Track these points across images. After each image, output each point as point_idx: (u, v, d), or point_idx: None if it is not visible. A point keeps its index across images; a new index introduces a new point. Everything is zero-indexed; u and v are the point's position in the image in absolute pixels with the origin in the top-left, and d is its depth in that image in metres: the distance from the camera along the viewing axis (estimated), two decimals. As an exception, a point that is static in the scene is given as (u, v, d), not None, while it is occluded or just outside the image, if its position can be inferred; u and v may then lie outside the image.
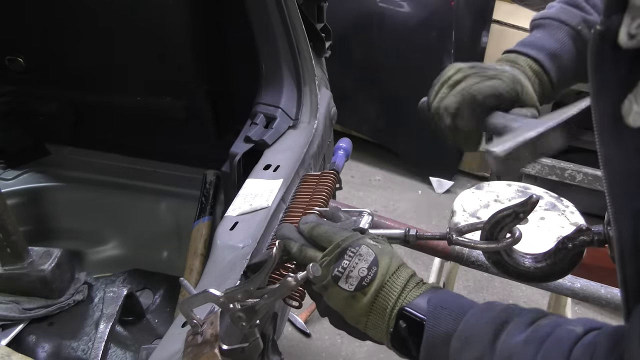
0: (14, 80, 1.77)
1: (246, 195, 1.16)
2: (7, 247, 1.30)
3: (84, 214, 1.86)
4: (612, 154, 0.51)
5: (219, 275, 0.97)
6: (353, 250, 0.70)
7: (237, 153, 1.33)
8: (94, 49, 1.64)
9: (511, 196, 1.79)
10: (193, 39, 1.60)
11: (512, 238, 0.76)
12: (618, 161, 0.51)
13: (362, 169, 3.34)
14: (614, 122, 0.48)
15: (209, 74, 1.69)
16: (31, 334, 1.33)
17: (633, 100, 0.43)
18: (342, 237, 0.72)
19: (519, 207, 0.74)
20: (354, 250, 0.70)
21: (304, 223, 0.77)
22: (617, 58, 0.46)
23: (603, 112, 0.50)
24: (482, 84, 0.83)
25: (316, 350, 2.23)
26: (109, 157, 1.91)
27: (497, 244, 0.76)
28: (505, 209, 0.75)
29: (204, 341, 0.77)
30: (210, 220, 1.65)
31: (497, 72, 0.84)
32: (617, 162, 0.51)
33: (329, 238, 0.73)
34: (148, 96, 1.73)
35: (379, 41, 3.11)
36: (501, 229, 0.76)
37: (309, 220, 0.77)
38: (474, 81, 0.83)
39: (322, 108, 1.47)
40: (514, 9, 2.96)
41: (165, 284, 1.73)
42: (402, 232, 0.83)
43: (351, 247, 0.70)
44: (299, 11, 1.42)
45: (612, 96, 0.47)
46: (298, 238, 0.76)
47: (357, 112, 3.27)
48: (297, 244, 0.75)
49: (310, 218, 0.78)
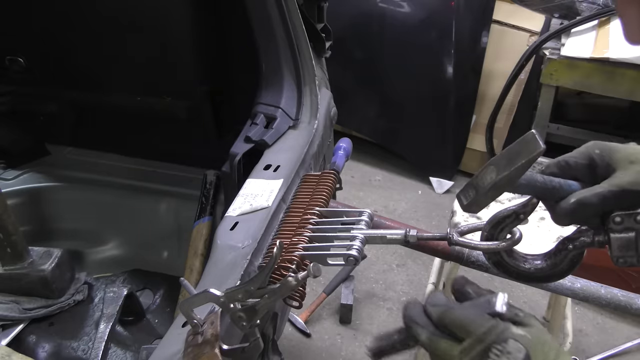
0: (14, 80, 1.77)
1: (246, 195, 1.16)
2: (8, 247, 1.30)
3: (84, 214, 1.86)
4: None
5: (219, 275, 0.97)
6: (499, 348, 0.59)
7: (238, 153, 1.33)
8: (94, 49, 1.64)
9: (511, 197, 1.79)
10: (193, 39, 1.60)
11: (512, 239, 0.76)
12: None
13: (362, 169, 3.34)
14: None
15: (209, 74, 1.69)
16: (31, 334, 1.33)
17: None
18: (484, 330, 0.61)
19: (519, 207, 0.74)
20: (499, 348, 0.59)
21: (432, 305, 0.67)
22: None
23: None
24: None
25: (316, 350, 2.23)
26: (109, 157, 1.91)
27: (497, 245, 0.76)
28: (505, 210, 0.75)
29: (204, 341, 0.77)
30: (211, 221, 1.65)
31: None
32: None
33: (466, 328, 0.62)
34: (148, 96, 1.73)
35: (379, 41, 3.11)
36: (501, 229, 0.76)
37: (438, 302, 0.67)
38: None
39: (322, 108, 1.47)
40: (514, 9, 2.96)
41: (165, 284, 1.73)
42: (403, 232, 0.83)
43: (496, 344, 0.60)
44: (299, 11, 1.42)
45: None
46: (427, 324, 0.66)
47: (357, 112, 3.28)
48: (425, 331, 0.65)
49: (438, 299, 0.67)
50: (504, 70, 2.99)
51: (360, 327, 2.32)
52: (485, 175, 0.71)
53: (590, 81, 2.42)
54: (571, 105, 3.00)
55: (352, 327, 2.32)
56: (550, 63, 2.46)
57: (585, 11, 2.50)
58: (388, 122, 3.25)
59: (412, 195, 3.18)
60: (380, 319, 2.35)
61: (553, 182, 0.74)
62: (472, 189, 0.73)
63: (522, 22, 3.03)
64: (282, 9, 1.38)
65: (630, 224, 0.68)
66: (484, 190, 0.71)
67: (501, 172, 0.69)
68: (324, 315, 2.37)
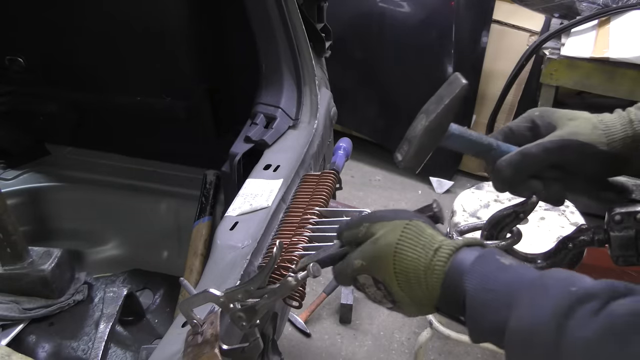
0: (14, 80, 1.77)
1: (246, 195, 1.16)
2: (7, 247, 1.30)
3: (84, 214, 1.86)
4: None
5: (219, 275, 0.97)
6: None
7: (237, 153, 1.33)
8: (94, 49, 1.64)
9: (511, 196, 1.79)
10: (193, 39, 1.60)
11: (512, 238, 0.76)
12: None
13: (362, 169, 3.34)
14: None
15: (209, 74, 1.69)
16: (31, 334, 1.33)
17: None
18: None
19: (519, 207, 0.74)
20: None
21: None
22: None
23: None
24: None
25: (316, 351, 2.23)
26: (109, 157, 1.91)
27: (497, 244, 0.76)
28: (505, 209, 0.75)
29: (204, 341, 0.77)
30: (211, 221, 1.65)
31: None
32: None
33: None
34: (148, 96, 1.73)
35: (379, 41, 3.11)
36: (501, 228, 0.76)
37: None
38: None
39: (322, 108, 1.47)
40: (514, 9, 2.96)
41: (165, 284, 1.73)
42: (403, 232, 0.83)
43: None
44: (299, 11, 1.42)
45: None
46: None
47: (357, 112, 3.27)
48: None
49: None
50: (504, 70, 2.99)
51: (360, 327, 2.32)
52: (417, 125, 0.71)
53: (590, 81, 2.42)
54: (571, 105, 3.00)
55: (352, 327, 2.32)
56: (550, 63, 2.45)
57: (585, 11, 2.50)
58: (388, 121, 3.25)
59: (412, 195, 3.18)
60: (380, 318, 2.35)
61: (489, 139, 0.73)
62: (406, 142, 0.72)
63: (522, 22, 3.03)
64: (282, 9, 1.38)
65: (630, 222, 0.68)
66: (416, 138, 0.70)
67: (430, 115, 0.69)
68: (324, 315, 2.36)
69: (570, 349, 0.49)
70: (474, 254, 0.62)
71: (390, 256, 0.65)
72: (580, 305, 0.50)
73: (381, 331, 2.30)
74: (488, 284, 0.58)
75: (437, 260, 0.63)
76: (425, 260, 0.63)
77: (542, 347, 0.51)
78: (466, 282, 0.60)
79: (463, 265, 0.61)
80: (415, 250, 0.64)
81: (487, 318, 0.57)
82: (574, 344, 0.49)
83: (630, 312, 0.47)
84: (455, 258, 0.62)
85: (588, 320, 0.48)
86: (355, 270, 0.68)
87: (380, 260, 0.66)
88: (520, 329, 0.53)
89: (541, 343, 0.51)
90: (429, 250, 0.63)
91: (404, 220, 0.67)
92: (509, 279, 0.58)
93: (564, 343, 0.49)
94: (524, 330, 0.53)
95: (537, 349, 0.52)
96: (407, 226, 0.66)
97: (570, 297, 0.51)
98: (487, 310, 0.57)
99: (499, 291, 0.57)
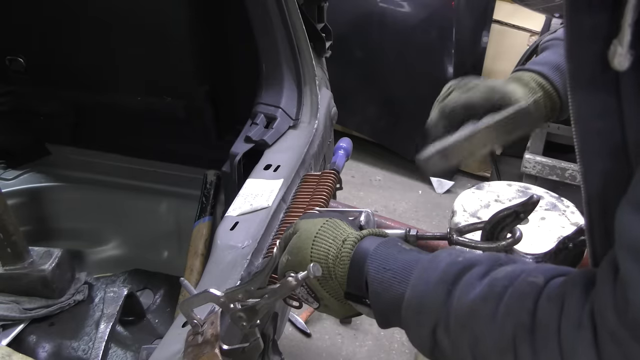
0: (14, 80, 1.77)
1: (246, 195, 1.16)
2: (8, 247, 1.30)
3: (84, 214, 1.86)
4: (582, 112, 0.52)
5: (220, 275, 0.97)
6: None
7: (238, 153, 1.33)
8: (94, 49, 1.64)
9: (512, 196, 1.79)
10: (193, 39, 1.60)
11: (512, 238, 0.76)
12: (587, 120, 0.51)
13: (362, 169, 3.34)
14: (588, 78, 0.49)
15: (209, 74, 1.69)
16: (32, 334, 1.33)
17: (617, 44, 0.44)
18: None
19: (519, 207, 0.74)
20: None
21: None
22: (593, 4, 0.47)
23: (582, 62, 0.50)
24: (457, 96, 0.86)
25: (316, 350, 2.23)
26: (109, 157, 1.91)
27: (497, 244, 0.76)
28: (505, 209, 0.75)
29: (204, 341, 0.77)
30: (211, 221, 1.65)
31: (474, 85, 0.86)
32: (586, 121, 0.52)
33: None
34: (148, 96, 1.73)
35: (379, 41, 3.11)
36: (502, 229, 0.76)
37: None
38: (454, 95, 0.86)
39: (322, 108, 1.47)
40: (515, 9, 2.96)
41: (165, 284, 1.73)
42: (403, 232, 0.83)
43: None
44: (299, 11, 1.42)
45: (592, 45, 0.48)
46: None
47: (357, 112, 3.27)
48: None
49: None
50: (504, 70, 2.99)
51: (361, 327, 2.32)
52: None
53: (591, 81, 2.42)
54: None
55: (352, 327, 2.32)
56: (550, 63, 2.45)
57: (586, 11, 2.50)
58: (388, 121, 3.25)
59: (413, 195, 3.18)
60: (381, 319, 2.35)
61: None
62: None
63: (522, 22, 3.03)
64: (283, 9, 1.38)
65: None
66: None
67: None
68: (324, 315, 2.36)
69: (458, 310, 0.55)
70: (377, 241, 0.68)
71: (309, 248, 0.70)
72: (466, 272, 0.57)
73: (381, 331, 2.30)
74: (388, 264, 0.64)
75: (344, 249, 0.69)
76: (335, 250, 0.69)
77: (434, 313, 0.57)
78: (368, 264, 0.65)
79: (367, 251, 0.67)
80: (327, 241, 0.70)
81: (387, 294, 0.63)
82: (460, 305, 0.55)
83: (508, 276, 0.54)
84: (360, 245, 0.69)
85: (473, 284, 0.55)
86: (284, 267, 0.74)
87: (300, 252, 0.72)
88: (414, 297, 0.59)
89: (433, 308, 0.57)
90: (339, 241, 0.70)
91: (324, 218, 0.73)
92: (407, 259, 0.64)
93: (452, 305, 0.55)
94: (417, 298, 0.59)
95: (429, 315, 0.57)
96: (327, 222, 0.72)
97: (457, 265, 0.58)
98: (386, 287, 0.63)
99: (397, 270, 0.63)
